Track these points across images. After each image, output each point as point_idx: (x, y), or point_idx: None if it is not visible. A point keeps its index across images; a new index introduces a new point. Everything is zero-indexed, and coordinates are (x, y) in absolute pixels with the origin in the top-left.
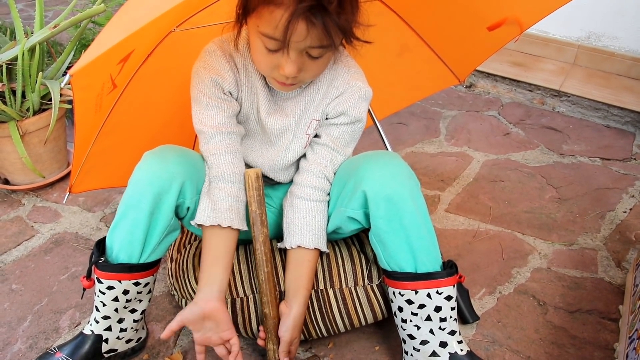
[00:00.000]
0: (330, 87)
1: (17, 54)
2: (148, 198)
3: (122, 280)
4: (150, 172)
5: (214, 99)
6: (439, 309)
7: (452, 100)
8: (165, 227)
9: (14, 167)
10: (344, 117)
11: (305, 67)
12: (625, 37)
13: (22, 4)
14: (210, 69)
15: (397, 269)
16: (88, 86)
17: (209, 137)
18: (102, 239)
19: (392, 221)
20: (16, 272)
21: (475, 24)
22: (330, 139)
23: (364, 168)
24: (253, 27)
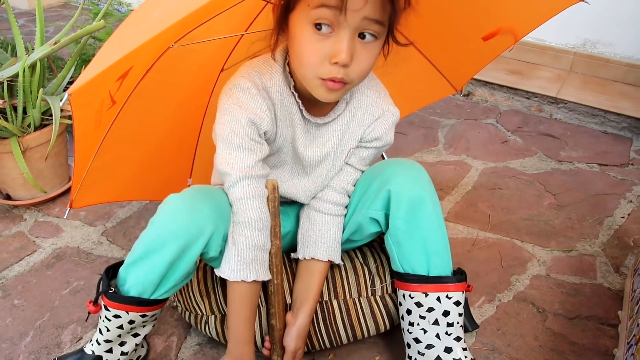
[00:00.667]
0: (366, 113)
1: (18, 70)
2: (172, 248)
3: (130, 312)
4: (178, 221)
5: (247, 140)
6: (447, 313)
7: (451, 109)
8: (183, 275)
9: (16, 182)
10: (378, 141)
11: (357, 56)
12: (620, 44)
13: (24, 20)
14: (246, 108)
15: (410, 270)
16: (87, 104)
17: (236, 180)
18: (111, 266)
19: (410, 222)
20: (18, 288)
21: (470, 34)
22: (357, 160)
23: (389, 171)
24: (301, 12)
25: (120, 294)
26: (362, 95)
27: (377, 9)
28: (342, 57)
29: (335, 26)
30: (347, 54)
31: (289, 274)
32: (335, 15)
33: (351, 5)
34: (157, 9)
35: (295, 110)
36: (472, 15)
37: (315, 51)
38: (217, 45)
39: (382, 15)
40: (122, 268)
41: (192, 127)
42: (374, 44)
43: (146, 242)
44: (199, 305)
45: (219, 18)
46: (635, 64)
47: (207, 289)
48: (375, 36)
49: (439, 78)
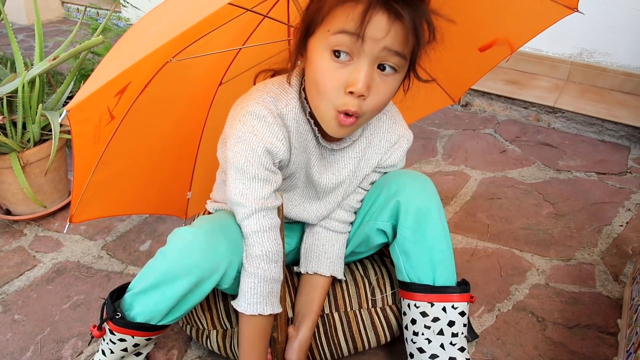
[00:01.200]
0: (382, 140)
1: (17, 86)
2: (185, 283)
3: (136, 337)
4: (193, 258)
5: (263, 170)
6: (452, 323)
7: (449, 119)
8: (192, 306)
9: (16, 197)
10: (393, 168)
11: (374, 88)
12: (616, 53)
13: (23, 35)
14: (262, 137)
15: (416, 280)
16: (85, 119)
17: (251, 212)
18: (115, 289)
19: (417, 232)
20: (18, 303)
21: (466, 45)
22: (368, 184)
23: (397, 182)
24: (320, 37)
25: (126, 319)
26: (378, 121)
27: (399, 41)
28: (358, 87)
29: (355, 55)
30: (364, 83)
31: (290, 287)
32: (354, 43)
33: (371, 33)
34: (155, 24)
35: (311, 137)
36: (469, 26)
37: (331, 79)
38: (214, 60)
39: (403, 47)
40: (129, 294)
41: (191, 141)
42: (393, 78)
43: (157, 274)
44: (200, 320)
45: (216, 32)
46: (632, 72)
47: (209, 304)
48: (395, 69)
49: (437, 89)
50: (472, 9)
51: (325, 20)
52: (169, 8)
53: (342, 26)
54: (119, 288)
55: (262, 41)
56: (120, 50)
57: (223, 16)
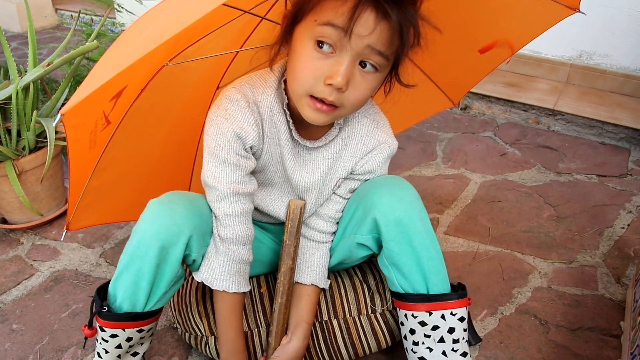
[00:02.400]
0: (360, 143)
1: (11, 93)
2: (154, 251)
3: (126, 329)
4: (157, 224)
5: (233, 155)
6: (453, 330)
7: (448, 122)
8: (171, 279)
9: (12, 206)
10: (370, 174)
11: (354, 83)
12: (616, 55)
13: (16, 43)
14: (232, 121)
15: (411, 290)
16: (80, 124)
17: (223, 195)
18: (101, 286)
19: (402, 243)
20: (16, 312)
21: (466, 47)
22: (348, 192)
23: (372, 194)
24: (307, 26)
25: (113, 311)
26: (357, 124)
27: (383, 40)
28: (337, 80)
29: (338, 48)
30: (344, 77)
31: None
32: (339, 37)
33: (358, 30)
34: (150, 26)
35: (284, 130)
36: (469, 28)
37: (311, 68)
38: (212, 63)
39: (387, 47)
40: (110, 283)
41: (188, 145)
42: (373, 76)
43: (129, 251)
44: (198, 326)
45: (213, 35)
46: (631, 74)
47: (206, 310)
48: (376, 68)
49: (436, 92)
50: (473, 10)
51: (314, 10)
52: (164, 10)
53: (329, 18)
54: (105, 284)
55: (260, 44)
56: (115, 52)
57: (220, 19)
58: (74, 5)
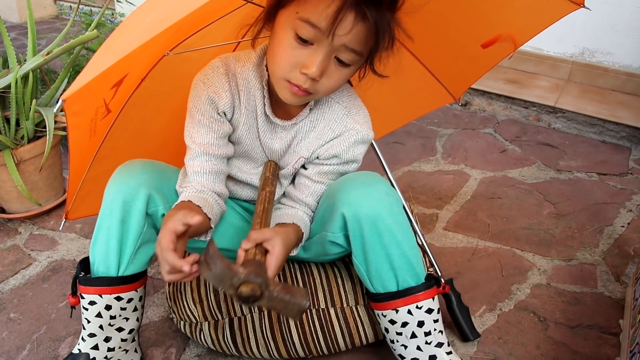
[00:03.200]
0: (327, 127)
1: (10, 82)
2: (117, 206)
3: (103, 295)
4: (118, 181)
5: (207, 117)
6: (422, 323)
7: (448, 118)
8: (137, 235)
9: (10, 195)
10: (336, 159)
11: (328, 73)
12: (618, 53)
13: (15, 33)
14: (209, 85)
15: (381, 289)
16: (81, 111)
17: (195, 154)
18: (86, 257)
19: (371, 241)
20: (14, 301)
21: (468, 42)
22: (317, 174)
23: (340, 191)
24: (289, 15)
25: (91, 277)
26: (328, 108)
27: (358, 40)
28: (312, 71)
29: (315, 41)
30: (318, 69)
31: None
32: (317, 35)
33: (339, 31)
34: (151, 14)
35: (260, 104)
36: (471, 22)
37: (289, 56)
38: (212, 53)
39: (362, 47)
40: (90, 251)
41: None
42: (347, 69)
43: (100, 214)
44: (192, 312)
45: (214, 26)
46: (633, 73)
47: (200, 296)
48: (350, 63)
49: (437, 87)
50: (476, 4)
51: (298, 1)
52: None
53: (310, 18)
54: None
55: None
56: (117, 39)
57: (221, 9)
58: None
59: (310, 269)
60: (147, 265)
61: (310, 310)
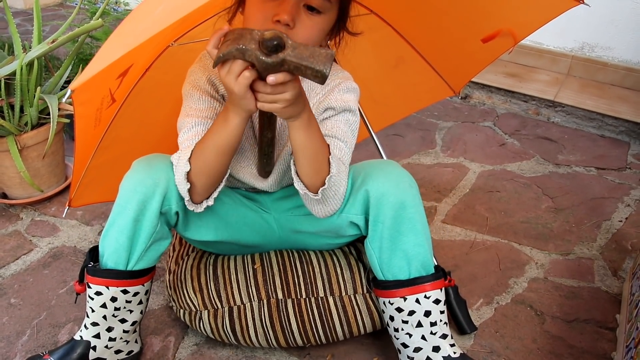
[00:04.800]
0: (312, 92)
1: (15, 68)
2: (132, 204)
3: (110, 287)
4: (135, 178)
5: (207, 95)
6: (429, 313)
7: (448, 111)
8: (150, 234)
9: (12, 181)
10: (330, 110)
11: (300, 21)
12: (618, 48)
13: (19, 19)
14: (207, 69)
15: (390, 277)
16: (88, 101)
17: (193, 124)
18: (96, 246)
19: (392, 229)
20: (15, 287)
21: (469, 36)
22: (325, 129)
23: (367, 175)
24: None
25: (100, 268)
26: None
27: None
28: (283, 17)
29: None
30: (289, 14)
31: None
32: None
33: None
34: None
35: None
36: (472, 17)
37: (260, 11)
38: None
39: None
40: (100, 241)
41: None
42: (319, 18)
43: (114, 208)
44: (192, 300)
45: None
46: (633, 67)
47: (200, 285)
48: (320, 11)
49: (438, 80)
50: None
51: None
52: None
53: None
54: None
55: None
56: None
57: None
58: None
59: (310, 258)
60: (156, 261)
61: (309, 299)
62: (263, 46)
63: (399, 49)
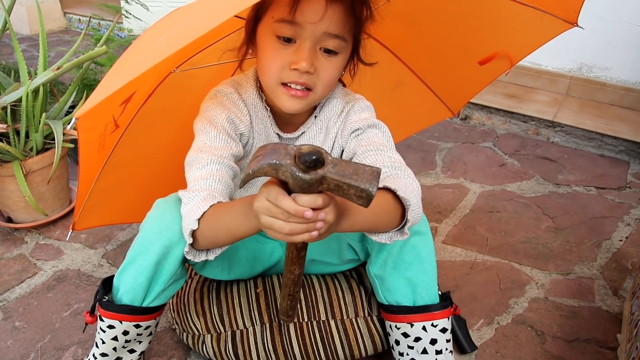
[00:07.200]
0: (330, 122)
1: (21, 95)
2: (156, 248)
3: (123, 322)
4: (161, 223)
5: (225, 133)
6: (435, 341)
7: (448, 132)
8: (170, 277)
9: (17, 205)
10: (358, 131)
11: (319, 65)
12: (616, 68)
13: (25, 45)
14: (227, 108)
15: (394, 302)
16: (92, 127)
17: (207, 162)
18: (109, 277)
19: (394, 256)
20: (19, 310)
21: (466, 58)
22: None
23: None
24: (266, 24)
25: (114, 303)
26: (330, 106)
27: (337, 24)
28: (302, 65)
29: (297, 37)
30: (307, 61)
31: None
32: (294, 29)
33: (307, 19)
34: (162, 35)
35: (270, 124)
36: (468, 40)
37: (276, 57)
38: (217, 70)
39: (342, 30)
40: (115, 276)
41: None
42: (337, 59)
43: (134, 246)
44: (195, 325)
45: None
46: (631, 87)
47: (203, 309)
48: (337, 52)
49: (436, 102)
50: (473, 23)
51: (271, 7)
52: (176, 19)
53: (284, 15)
54: (112, 276)
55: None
56: (128, 59)
57: (227, 27)
58: (82, 10)
59: (312, 281)
60: (171, 298)
61: (311, 322)
62: (300, 161)
63: (397, 72)
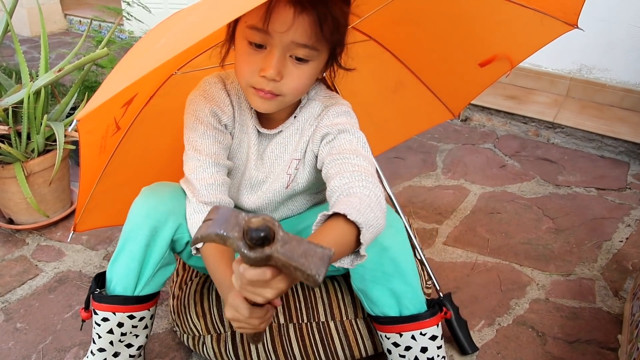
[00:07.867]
0: (307, 123)
1: (23, 97)
2: (144, 230)
3: (117, 313)
4: (147, 205)
5: (211, 128)
6: (425, 349)
7: (449, 134)
8: (159, 260)
9: (19, 207)
10: (329, 135)
11: (287, 73)
12: (616, 69)
13: (25, 46)
14: (210, 99)
15: (380, 314)
16: (93, 129)
17: (206, 166)
18: (101, 272)
19: (373, 269)
20: (21, 311)
21: (466, 61)
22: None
23: None
24: (241, 28)
25: (106, 295)
26: (309, 108)
27: (304, 34)
28: (269, 73)
29: (267, 44)
30: (274, 69)
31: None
32: (263, 36)
33: (276, 28)
34: (163, 37)
35: (251, 117)
36: (469, 42)
37: (247, 63)
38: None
39: (309, 40)
40: (107, 268)
41: None
42: (307, 67)
43: (123, 234)
44: (195, 326)
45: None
46: (631, 89)
47: (204, 310)
48: (307, 60)
49: (437, 103)
50: (473, 25)
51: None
52: (177, 21)
53: (254, 22)
54: (104, 271)
55: None
56: (129, 62)
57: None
58: (83, 11)
59: None
60: (162, 286)
61: (311, 324)
62: (247, 237)
63: (398, 73)
